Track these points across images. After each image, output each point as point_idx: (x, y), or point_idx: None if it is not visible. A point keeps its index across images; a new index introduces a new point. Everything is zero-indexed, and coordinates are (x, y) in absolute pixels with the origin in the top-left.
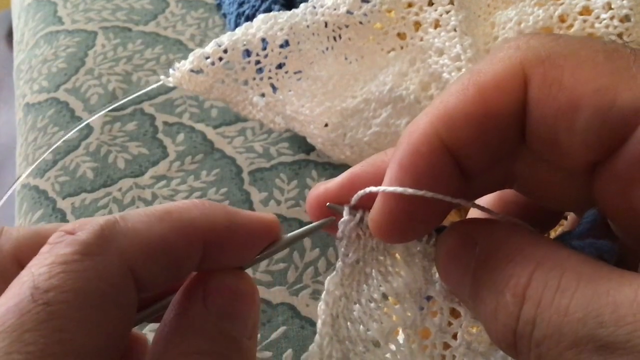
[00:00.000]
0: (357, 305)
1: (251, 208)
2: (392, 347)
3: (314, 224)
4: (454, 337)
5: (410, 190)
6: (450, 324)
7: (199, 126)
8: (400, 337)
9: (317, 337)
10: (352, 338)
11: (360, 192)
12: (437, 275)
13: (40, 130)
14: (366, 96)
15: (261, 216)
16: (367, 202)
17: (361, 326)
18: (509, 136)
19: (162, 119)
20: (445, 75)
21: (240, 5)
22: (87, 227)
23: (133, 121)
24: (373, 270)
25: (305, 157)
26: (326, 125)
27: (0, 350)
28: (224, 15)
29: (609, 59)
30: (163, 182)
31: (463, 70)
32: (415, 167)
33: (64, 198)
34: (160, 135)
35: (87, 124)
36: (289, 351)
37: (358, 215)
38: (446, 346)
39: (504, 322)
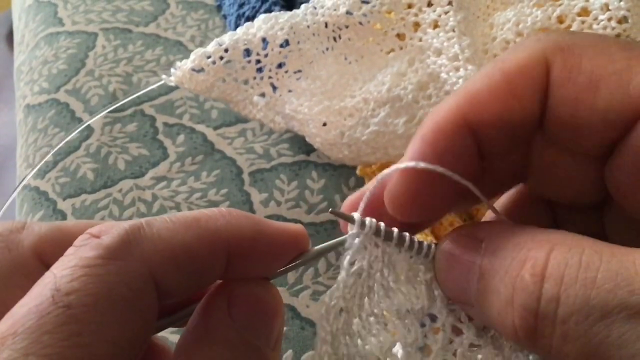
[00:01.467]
0: (357, 319)
1: (251, 209)
2: None
3: (341, 237)
4: (455, 354)
5: (422, 164)
6: (451, 341)
7: (199, 127)
8: (399, 354)
9: (315, 355)
10: (351, 355)
11: (377, 178)
12: (438, 291)
13: (40, 132)
14: (365, 96)
15: (288, 227)
16: (375, 212)
17: (359, 340)
18: (530, 120)
19: (163, 120)
20: (443, 75)
21: (241, 6)
22: (112, 231)
23: (133, 122)
24: (375, 285)
25: (306, 158)
26: (324, 124)
27: (19, 351)
28: (224, 17)
29: (622, 49)
30: (163, 183)
31: (461, 70)
32: (437, 142)
33: (64, 199)
34: (160, 137)
35: (88, 125)
36: (289, 352)
37: (368, 225)
38: None
39: (523, 304)
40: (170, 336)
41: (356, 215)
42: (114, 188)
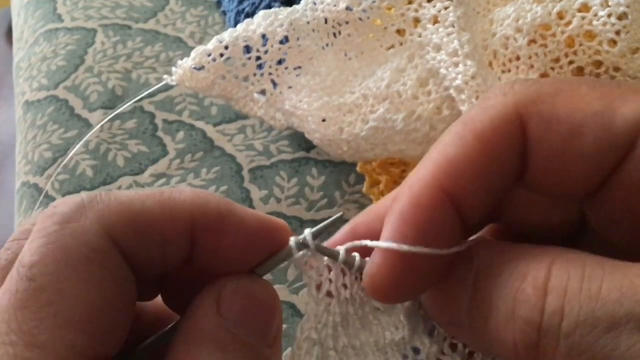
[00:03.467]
0: (332, 351)
1: (251, 206)
2: None
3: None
4: None
5: (405, 247)
6: None
7: (199, 124)
8: None
9: None
10: None
11: (353, 243)
12: (419, 319)
13: (39, 128)
14: (364, 91)
15: (265, 216)
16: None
17: None
18: (509, 179)
19: (162, 116)
20: (442, 70)
21: (240, 2)
22: (67, 201)
23: (133, 119)
24: (349, 317)
25: (305, 154)
26: (324, 120)
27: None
28: (224, 13)
29: (592, 89)
30: (163, 180)
31: (460, 65)
32: (418, 220)
33: (63, 196)
34: (159, 133)
35: (87, 122)
36: (289, 350)
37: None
38: None
39: (525, 318)
40: None
41: (309, 241)
42: (113, 185)
